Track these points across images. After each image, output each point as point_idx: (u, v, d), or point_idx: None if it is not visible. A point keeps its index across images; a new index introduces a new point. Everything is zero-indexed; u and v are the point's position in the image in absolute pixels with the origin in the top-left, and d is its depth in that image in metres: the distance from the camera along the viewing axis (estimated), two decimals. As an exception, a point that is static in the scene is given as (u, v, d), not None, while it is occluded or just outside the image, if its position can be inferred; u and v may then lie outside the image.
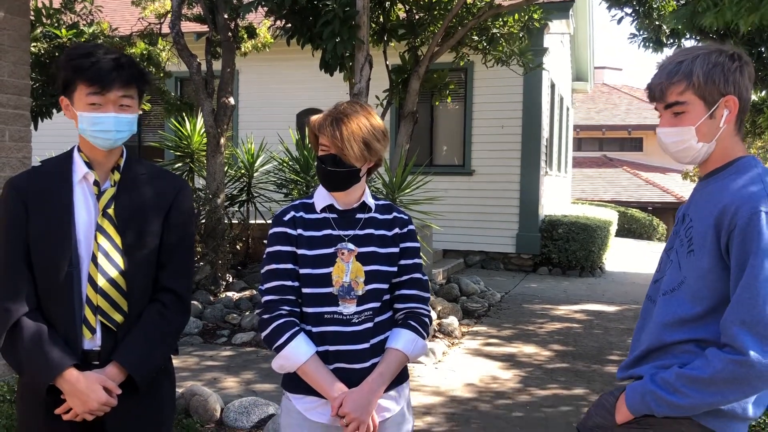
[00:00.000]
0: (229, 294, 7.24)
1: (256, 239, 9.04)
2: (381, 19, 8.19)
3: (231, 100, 7.69)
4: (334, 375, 1.93)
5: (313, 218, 2.02)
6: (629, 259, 13.72)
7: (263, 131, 10.61)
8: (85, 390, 1.81)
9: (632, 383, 1.79)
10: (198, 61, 7.64)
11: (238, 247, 8.65)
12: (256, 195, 9.18)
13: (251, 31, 8.72)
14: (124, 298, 1.90)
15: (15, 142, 4.17)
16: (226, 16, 7.63)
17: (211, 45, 8.05)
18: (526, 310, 7.87)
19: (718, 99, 1.68)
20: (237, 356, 5.62)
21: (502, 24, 8.61)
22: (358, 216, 2.04)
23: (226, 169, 8.31)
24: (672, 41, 8.74)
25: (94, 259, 1.88)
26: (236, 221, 8.94)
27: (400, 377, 2.04)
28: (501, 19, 8.58)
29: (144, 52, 8.50)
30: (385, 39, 8.30)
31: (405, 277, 2.06)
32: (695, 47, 1.77)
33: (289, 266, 1.97)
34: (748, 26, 3.72)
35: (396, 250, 2.05)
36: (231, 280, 7.72)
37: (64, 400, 1.84)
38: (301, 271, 1.97)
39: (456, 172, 10.93)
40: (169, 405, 2.07)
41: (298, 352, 1.91)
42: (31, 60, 4.46)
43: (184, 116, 9.07)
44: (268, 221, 8.57)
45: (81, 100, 1.86)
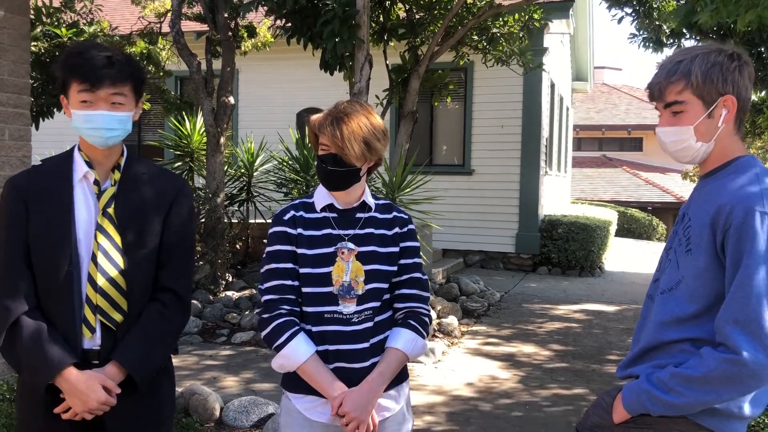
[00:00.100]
0: (229, 293, 7.24)
1: (255, 238, 9.05)
2: (381, 18, 8.19)
3: (231, 100, 7.69)
4: (334, 374, 1.93)
5: (313, 217, 2.01)
6: (629, 259, 13.72)
7: (263, 130, 10.61)
8: (85, 389, 1.81)
9: (629, 383, 1.79)
10: (198, 60, 7.64)
11: (237, 246, 8.65)
12: (255, 194, 9.18)
13: (251, 31, 8.72)
14: (124, 297, 1.90)
15: (15, 141, 4.17)
16: (226, 16, 7.63)
17: (211, 44, 8.05)
18: (525, 310, 7.87)
19: (717, 98, 1.68)
20: (236, 355, 5.63)
21: (502, 24, 8.61)
22: (358, 215, 2.04)
23: (225, 168, 8.31)
24: (672, 41, 8.74)
25: (93, 259, 1.88)
26: (236, 220, 8.94)
27: (400, 376, 2.04)
28: (501, 19, 8.58)
29: (144, 51, 8.49)
30: (385, 38, 8.30)
31: (405, 277, 2.06)
32: (695, 47, 1.77)
33: (289, 265, 1.97)
34: (745, 24, 3.68)
35: (396, 249, 2.05)
36: (230, 279, 7.72)
37: (64, 399, 1.84)
38: (301, 270, 1.97)
39: (456, 172, 10.93)
40: (169, 404, 2.07)
41: (297, 352, 1.91)
42: (31, 59, 4.46)
43: (184, 115, 9.06)
44: (268, 220, 8.57)
45: (74, 97, 1.87)
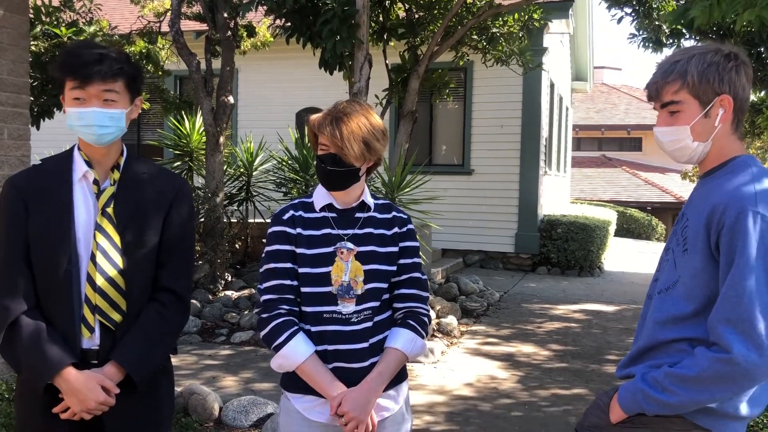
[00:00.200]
0: (228, 293, 7.24)
1: (255, 238, 9.05)
2: (380, 18, 8.18)
3: (230, 99, 7.69)
4: (333, 374, 1.93)
5: (313, 217, 2.01)
6: (628, 258, 13.73)
7: (262, 130, 10.61)
8: (83, 389, 1.81)
9: (625, 383, 1.80)
10: (197, 59, 7.63)
11: (237, 245, 8.65)
12: (255, 194, 9.18)
13: (251, 30, 8.72)
14: (123, 297, 1.89)
15: (14, 141, 4.17)
16: (225, 15, 7.63)
17: (210, 43, 8.05)
18: (524, 310, 7.87)
19: (713, 98, 1.69)
20: (236, 355, 5.62)
21: (501, 23, 8.61)
22: (358, 215, 2.04)
23: (225, 167, 8.30)
24: (671, 41, 8.74)
25: (92, 258, 1.87)
26: (235, 220, 8.94)
27: (399, 376, 2.04)
28: (501, 19, 8.58)
29: (143, 51, 8.49)
30: (385, 38, 8.30)
31: (404, 277, 2.06)
32: (694, 47, 1.78)
33: (288, 265, 1.97)
34: (743, 24, 3.65)
35: (395, 249, 2.05)
36: (230, 278, 7.72)
37: (63, 398, 1.83)
38: (300, 270, 1.96)
39: (455, 172, 10.93)
40: (168, 404, 2.07)
41: (297, 352, 1.91)
42: (30, 58, 4.46)
43: (183, 115, 9.06)
44: (267, 220, 8.57)
45: (68, 95, 1.87)
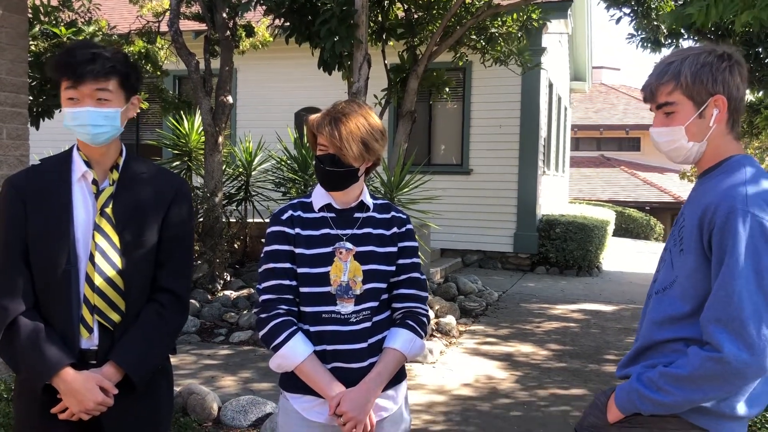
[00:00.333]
0: (227, 293, 7.24)
1: (253, 238, 9.05)
2: (379, 18, 8.18)
3: (229, 99, 7.68)
4: (332, 374, 1.93)
5: (311, 217, 2.01)
6: (626, 258, 13.74)
7: (261, 130, 10.61)
8: (82, 389, 1.81)
9: (622, 383, 1.81)
10: (196, 59, 7.63)
11: (235, 245, 8.66)
12: (254, 194, 9.18)
13: (249, 30, 8.72)
14: (122, 297, 1.89)
15: (12, 140, 4.17)
16: (224, 15, 7.63)
17: (209, 43, 8.04)
18: (523, 310, 7.88)
19: (707, 99, 1.70)
20: (234, 355, 5.62)
21: (500, 24, 8.61)
22: (357, 215, 2.04)
23: (224, 167, 8.31)
24: (670, 41, 8.75)
25: (91, 259, 1.87)
26: (234, 220, 8.94)
27: (398, 376, 2.04)
28: (499, 19, 8.58)
29: (142, 51, 8.48)
30: (384, 38, 8.30)
31: (403, 277, 2.06)
32: (689, 48, 1.79)
33: (287, 265, 1.97)
34: (742, 25, 3.66)
35: (394, 249, 2.05)
36: (228, 278, 7.71)
37: (61, 399, 1.83)
38: (299, 270, 1.96)
39: (454, 172, 10.94)
40: (167, 404, 2.07)
41: (295, 352, 1.91)
42: (29, 58, 4.46)
43: (182, 114, 9.06)
44: (266, 220, 8.56)
45: (63, 95, 1.87)
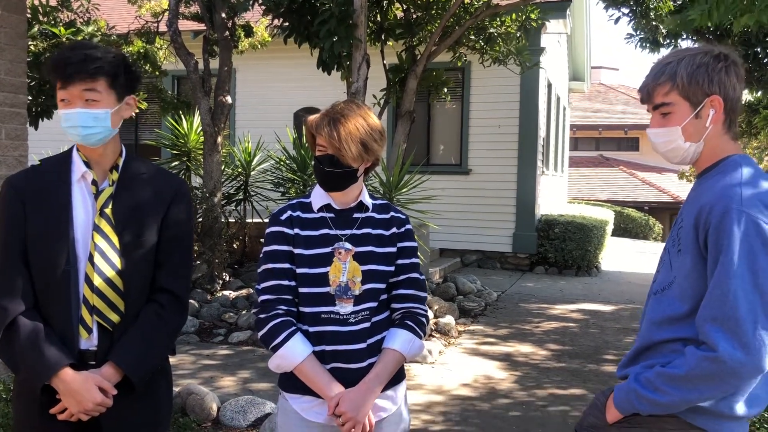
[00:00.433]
0: (226, 293, 7.24)
1: (252, 238, 9.04)
2: (378, 18, 8.18)
3: (228, 99, 7.68)
4: (331, 375, 1.93)
5: (310, 217, 2.01)
6: (625, 258, 13.75)
7: (260, 130, 10.60)
8: (81, 390, 1.81)
9: (620, 383, 1.81)
10: (195, 59, 7.63)
11: (234, 245, 8.65)
12: (253, 194, 9.18)
13: (248, 30, 8.71)
14: (121, 297, 1.89)
15: (11, 141, 4.16)
16: (223, 15, 7.62)
17: (208, 43, 8.04)
18: (522, 310, 7.88)
19: (703, 99, 1.71)
20: (234, 355, 5.62)
21: (499, 24, 8.62)
22: (356, 215, 2.04)
23: (223, 167, 8.30)
24: (669, 41, 8.77)
25: (90, 259, 1.87)
26: (233, 220, 8.93)
27: (397, 377, 2.04)
28: (498, 19, 8.59)
29: (141, 51, 8.48)
30: (383, 38, 8.30)
31: (402, 277, 2.06)
32: (686, 49, 1.80)
33: (286, 266, 1.97)
34: (741, 27, 3.69)
35: (393, 249, 2.05)
36: (228, 278, 7.71)
37: (60, 399, 1.83)
38: (298, 270, 1.96)
39: (453, 172, 10.94)
40: (166, 405, 2.07)
41: (294, 352, 1.91)
42: (29, 58, 4.45)
43: (181, 115, 9.05)
44: (265, 220, 8.56)
45: (57, 97, 1.88)
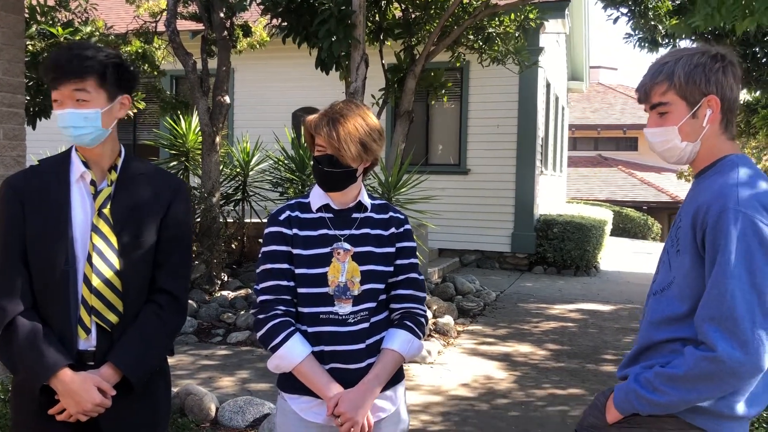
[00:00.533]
0: (224, 293, 7.23)
1: (251, 238, 9.03)
2: (377, 17, 8.18)
3: (226, 99, 7.67)
4: (330, 375, 1.93)
5: (309, 218, 2.01)
6: (624, 258, 13.75)
7: (259, 130, 10.60)
8: (79, 391, 1.80)
9: (620, 383, 1.81)
10: (193, 59, 7.62)
11: (233, 245, 8.64)
12: (251, 194, 9.17)
13: (247, 30, 8.71)
14: (119, 298, 1.89)
15: (9, 141, 4.15)
16: (221, 15, 7.62)
17: (206, 43, 8.03)
18: (521, 309, 7.88)
19: (700, 99, 1.71)
20: (232, 355, 5.62)
21: (498, 23, 8.62)
22: (354, 215, 2.03)
23: (221, 167, 8.29)
24: (667, 41, 8.77)
25: (89, 259, 1.87)
26: (231, 220, 8.92)
27: (396, 377, 2.04)
28: (497, 19, 8.59)
29: (139, 51, 8.47)
30: (381, 38, 8.29)
31: (401, 277, 2.06)
32: (683, 49, 1.80)
33: (285, 266, 1.96)
34: (743, 29, 3.72)
35: (392, 249, 2.04)
36: (226, 279, 7.70)
37: (58, 400, 1.83)
38: (297, 271, 1.96)
39: (452, 171, 10.94)
40: (165, 405, 2.06)
41: (293, 353, 1.91)
42: (26, 58, 4.44)
43: (179, 115, 9.04)
44: (264, 220, 8.56)
45: (52, 98, 1.87)
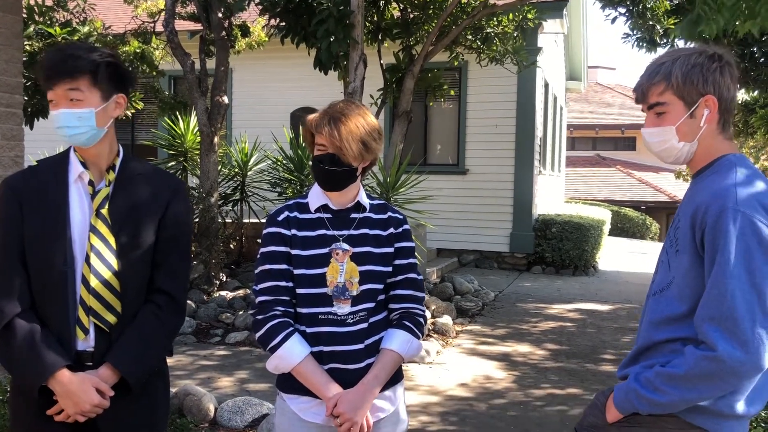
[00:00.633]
0: (223, 293, 7.22)
1: (249, 238, 9.03)
2: (375, 18, 8.18)
3: (225, 99, 7.67)
4: (329, 375, 1.93)
5: (308, 218, 2.01)
6: (622, 258, 13.75)
7: (257, 130, 10.59)
8: (77, 391, 1.80)
9: (620, 383, 1.81)
10: (192, 59, 7.61)
11: (231, 246, 8.63)
12: (249, 194, 9.17)
13: (245, 30, 8.70)
14: (118, 299, 1.88)
15: (7, 141, 4.15)
16: (220, 15, 7.61)
17: (204, 43, 8.02)
18: (519, 309, 7.88)
19: (698, 99, 1.71)
20: (231, 356, 5.61)
21: (496, 23, 8.62)
22: (353, 216, 2.03)
23: (219, 167, 8.28)
24: (665, 41, 8.78)
25: (87, 260, 1.86)
26: (230, 220, 8.92)
27: (395, 377, 2.04)
28: (495, 19, 8.59)
29: (137, 51, 8.46)
30: (380, 38, 8.29)
31: (400, 277, 2.06)
32: (681, 49, 1.80)
33: (283, 267, 1.96)
34: (745, 31, 3.74)
35: (391, 250, 2.04)
36: (224, 279, 7.70)
37: (57, 400, 1.82)
38: (296, 271, 1.96)
39: (450, 171, 10.94)
40: (163, 406, 2.06)
41: (292, 353, 1.91)
42: (24, 59, 4.44)
43: (178, 115, 9.03)
44: (262, 220, 8.56)
45: (47, 98, 1.87)
